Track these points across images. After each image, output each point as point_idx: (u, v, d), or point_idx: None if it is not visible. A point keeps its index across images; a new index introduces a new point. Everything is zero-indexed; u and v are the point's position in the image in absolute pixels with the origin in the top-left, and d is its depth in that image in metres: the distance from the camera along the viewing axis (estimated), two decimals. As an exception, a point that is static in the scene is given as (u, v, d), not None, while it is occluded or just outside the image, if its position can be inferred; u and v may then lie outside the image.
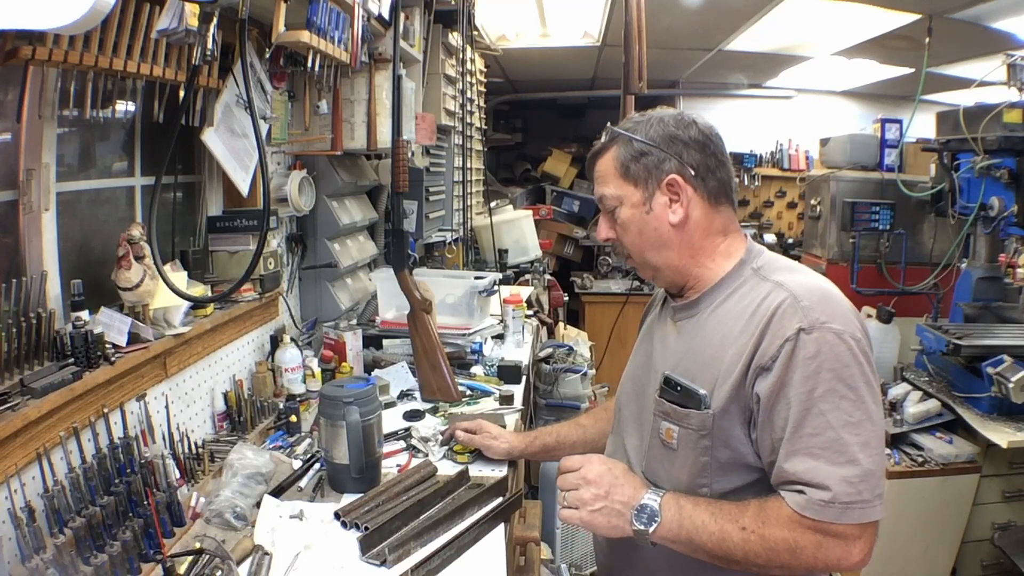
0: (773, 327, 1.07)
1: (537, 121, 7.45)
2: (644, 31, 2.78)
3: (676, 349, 1.24)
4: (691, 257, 1.23)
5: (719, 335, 1.16)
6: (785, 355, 1.05)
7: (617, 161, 1.24)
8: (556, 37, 4.67)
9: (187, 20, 1.39)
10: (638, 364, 1.36)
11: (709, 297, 1.22)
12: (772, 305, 1.10)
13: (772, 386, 1.06)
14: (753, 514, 1.07)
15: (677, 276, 1.25)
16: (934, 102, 4.92)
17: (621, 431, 1.37)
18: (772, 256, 1.25)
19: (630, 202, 1.23)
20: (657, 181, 1.21)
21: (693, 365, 1.18)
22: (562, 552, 2.83)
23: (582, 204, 6.36)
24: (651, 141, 1.22)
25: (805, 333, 1.04)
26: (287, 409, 1.97)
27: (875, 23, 3.71)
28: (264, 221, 1.65)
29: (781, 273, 1.17)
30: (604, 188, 1.26)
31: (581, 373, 3.40)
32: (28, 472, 1.21)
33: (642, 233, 1.23)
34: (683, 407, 1.16)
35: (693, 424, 1.14)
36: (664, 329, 1.31)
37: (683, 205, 1.21)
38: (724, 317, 1.17)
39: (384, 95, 2.38)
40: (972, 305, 3.20)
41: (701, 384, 1.14)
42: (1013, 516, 2.61)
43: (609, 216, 1.28)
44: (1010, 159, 2.99)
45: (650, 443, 1.24)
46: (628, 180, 1.23)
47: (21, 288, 1.27)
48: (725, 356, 1.13)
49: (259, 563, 1.31)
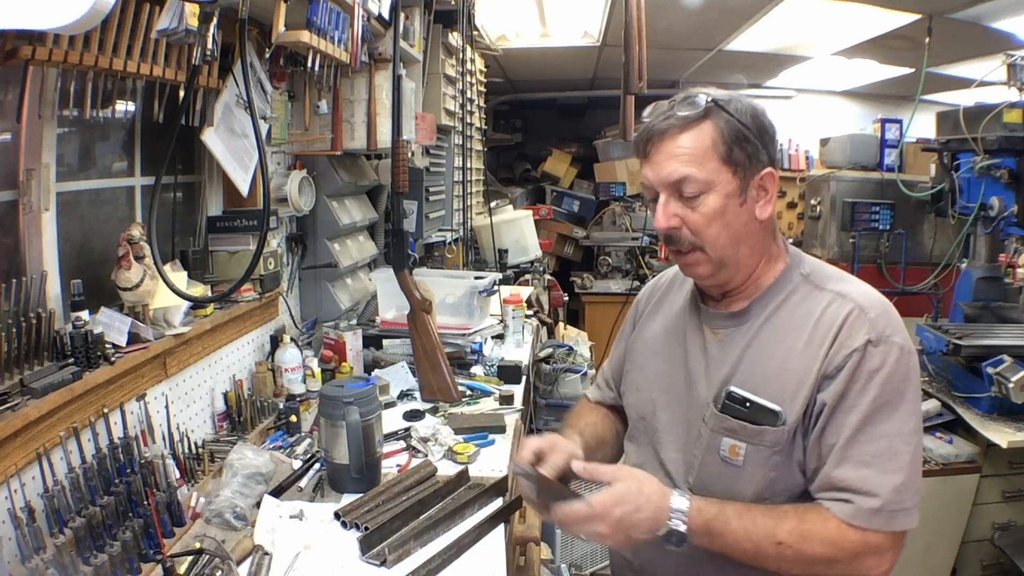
0: (841, 337, 1.06)
1: (537, 121, 7.45)
2: (644, 31, 2.77)
3: (725, 360, 1.15)
4: (759, 256, 1.16)
5: (781, 347, 1.11)
6: (852, 365, 1.04)
7: (717, 140, 1.09)
8: (556, 37, 4.67)
9: (187, 20, 1.39)
10: (665, 372, 1.25)
11: (759, 305, 1.16)
12: (839, 316, 1.08)
13: (835, 395, 1.05)
14: (791, 528, 1.04)
15: (739, 276, 1.16)
16: (934, 102, 4.91)
17: (654, 443, 1.25)
18: (816, 262, 1.20)
19: (724, 190, 1.09)
20: (755, 172, 1.11)
21: (753, 378, 1.11)
22: (562, 552, 2.83)
23: (582, 204, 6.36)
24: (751, 127, 1.10)
25: (872, 345, 1.04)
26: (287, 409, 1.97)
27: (875, 23, 3.71)
28: (264, 221, 1.65)
29: (836, 282, 1.14)
30: (691, 168, 1.08)
31: (581, 373, 3.40)
32: (28, 472, 1.21)
33: (730, 226, 1.11)
34: (755, 424, 1.09)
35: (767, 441, 1.09)
36: (698, 336, 1.21)
37: (771, 201, 1.13)
38: (781, 327, 1.12)
39: (384, 95, 2.38)
40: (972, 305, 3.20)
41: (768, 398, 1.09)
42: (1013, 516, 2.61)
43: (676, 201, 1.12)
44: (1010, 159, 2.98)
45: (704, 459, 1.15)
46: (728, 165, 1.09)
47: (21, 288, 1.27)
48: (793, 369, 1.08)
49: (259, 563, 1.31)
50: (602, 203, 6.16)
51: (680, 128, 1.10)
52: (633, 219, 6.03)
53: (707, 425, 1.14)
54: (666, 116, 1.11)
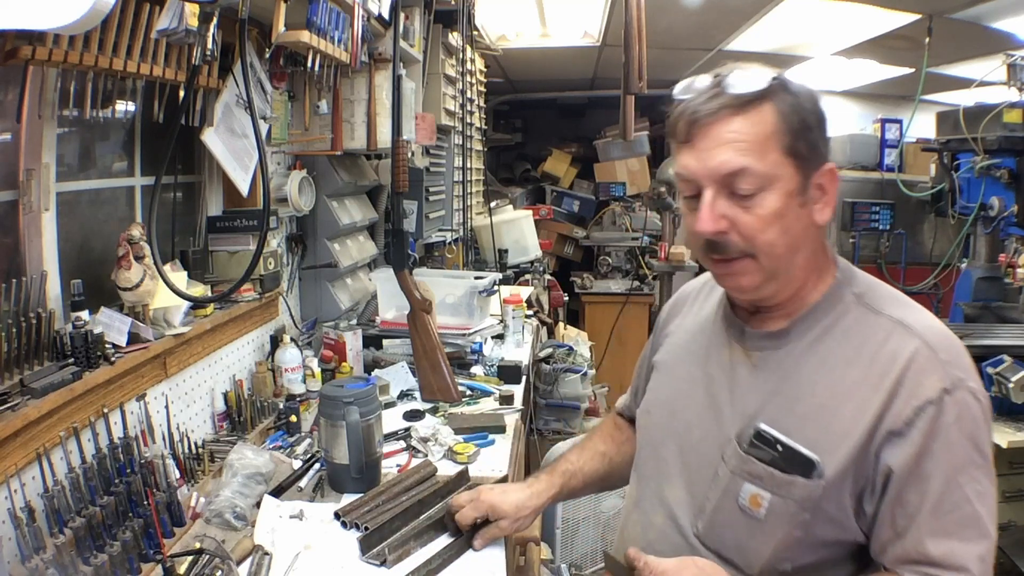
0: (909, 384, 0.88)
1: (537, 121, 7.45)
2: (644, 31, 2.78)
3: (756, 389, 0.98)
4: (812, 268, 0.98)
5: (827, 381, 0.93)
6: (926, 421, 0.87)
7: (780, 127, 0.90)
8: (556, 37, 4.67)
9: (187, 20, 1.38)
10: (682, 392, 1.09)
11: (803, 325, 0.98)
12: (903, 354, 0.90)
13: (909, 457, 0.87)
14: None
15: (787, 290, 0.98)
16: (934, 102, 4.91)
17: (658, 476, 1.09)
18: (870, 278, 1.03)
19: (785, 188, 0.91)
20: (816, 168, 0.93)
21: (789, 416, 0.94)
22: (562, 552, 2.82)
23: (582, 204, 6.36)
24: (816, 113, 0.93)
25: (948, 395, 0.87)
26: (287, 409, 1.97)
27: (875, 23, 3.71)
28: (264, 221, 1.65)
29: (895, 307, 0.96)
30: (749, 159, 0.89)
31: (581, 373, 3.40)
32: (28, 472, 1.21)
33: (789, 231, 0.92)
34: (785, 472, 0.91)
35: (796, 494, 0.91)
36: (728, 355, 1.04)
37: (830, 203, 0.95)
38: (828, 357, 0.94)
39: (384, 95, 2.38)
40: (972, 305, 3.20)
41: (805, 443, 0.91)
42: (1013, 516, 2.61)
43: (724, 199, 0.92)
44: (1010, 159, 2.99)
45: (718, 504, 0.98)
46: (791, 157, 0.91)
47: (21, 288, 1.27)
48: (841, 411, 0.91)
49: (259, 563, 1.31)
50: (602, 203, 6.16)
51: (735, 109, 0.90)
52: (633, 219, 6.03)
53: (727, 464, 0.97)
54: (715, 94, 0.91)
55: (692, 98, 0.94)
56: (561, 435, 3.46)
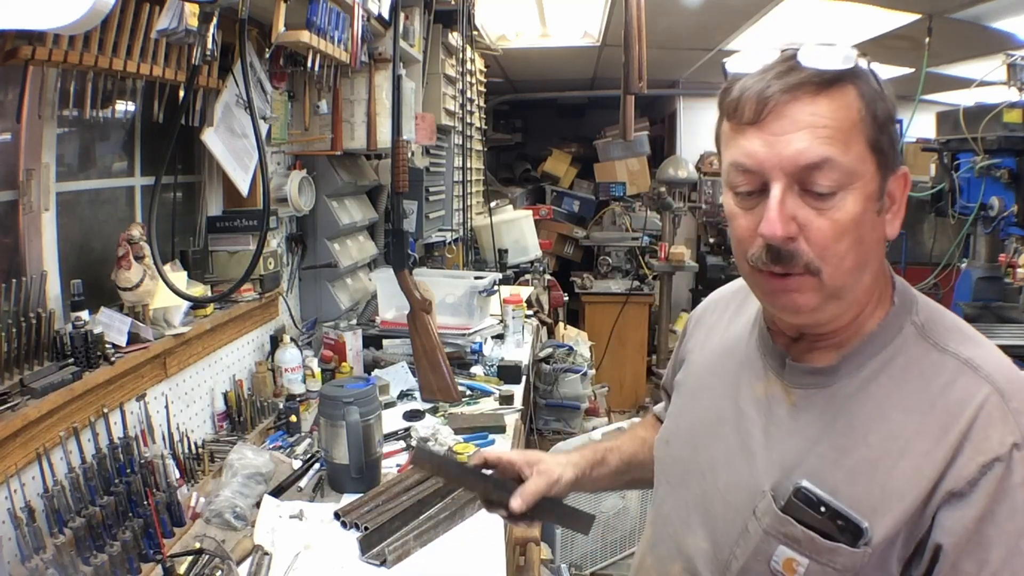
0: (976, 437, 0.73)
1: (537, 121, 7.45)
2: (644, 31, 2.77)
3: (796, 434, 0.83)
4: (874, 290, 0.83)
5: (881, 430, 0.78)
6: (992, 481, 0.72)
7: (867, 116, 0.75)
8: (556, 37, 4.67)
9: (187, 20, 1.39)
10: (708, 425, 0.94)
11: (853, 361, 0.81)
12: (972, 402, 0.75)
13: (969, 521, 0.73)
14: None
15: (846, 316, 0.82)
16: (934, 102, 4.91)
17: (676, 521, 0.95)
18: (932, 304, 0.86)
19: (865, 190, 0.75)
20: (892, 171, 0.78)
21: (836, 471, 0.78)
22: (562, 552, 2.83)
23: (582, 204, 6.36)
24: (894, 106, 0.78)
25: (1018, 451, 0.73)
26: (287, 409, 1.97)
27: (875, 23, 3.71)
28: (264, 221, 1.65)
29: (961, 342, 0.80)
30: (832, 148, 0.73)
31: (581, 373, 3.40)
32: (28, 472, 1.21)
33: (863, 242, 0.76)
34: (828, 538, 0.77)
35: (839, 563, 0.76)
36: (764, 389, 0.88)
37: (899, 214, 0.80)
38: (884, 401, 0.79)
39: (384, 95, 2.38)
40: (972, 305, 3.20)
41: (851, 503, 0.76)
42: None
43: (797, 196, 0.75)
44: (1010, 159, 2.99)
45: (746, 565, 0.83)
46: (875, 153, 0.75)
47: (21, 288, 1.27)
48: (897, 468, 0.76)
49: (259, 563, 1.31)
50: (602, 203, 6.17)
51: (818, 87, 0.73)
52: (633, 219, 6.04)
53: (759, 522, 0.82)
54: (790, 67, 0.75)
55: (758, 72, 0.76)
56: (561, 435, 3.47)
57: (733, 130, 0.78)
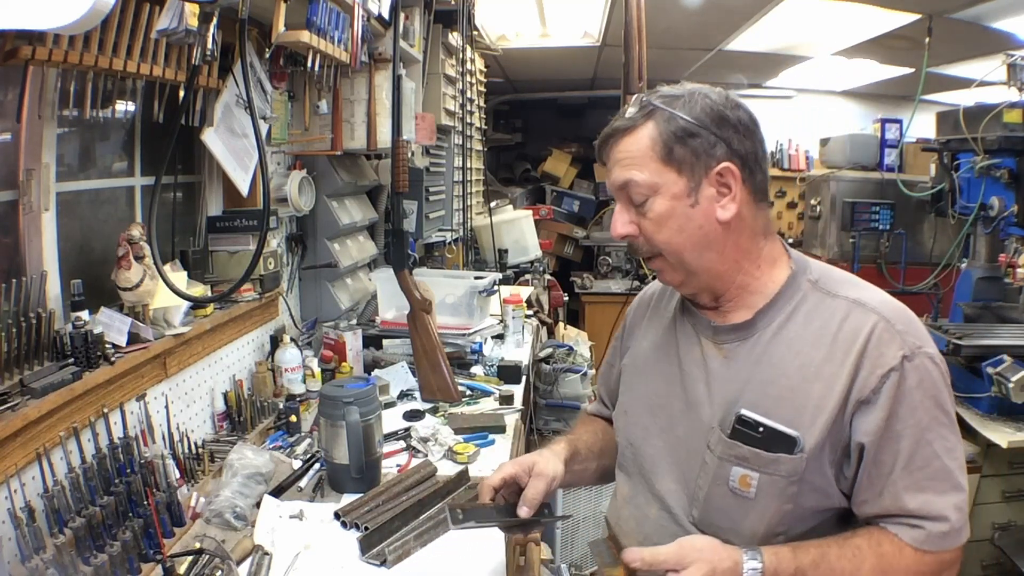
0: (871, 355, 0.97)
1: (537, 121, 7.44)
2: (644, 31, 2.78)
3: (732, 379, 1.06)
4: (735, 261, 1.07)
5: (795, 364, 1.01)
6: (891, 387, 0.96)
7: (656, 141, 1.03)
8: (556, 37, 4.67)
9: (187, 20, 1.39)
10: (656, 393, 1.16)
11: (766, 316, 1.06)
12: (863, 329, 0.99)
13: (879, 421, 0.96)
14: (871, 568, 0.96)
15: (716, 283, 1.08)
16: (934, 102, 4.91)
17: (646, 473, 1.15)
18: (823, 265, 1.11)
19: (670, 192, 1.03)
20: (706, 169, 1.02)
21: (765, 400, 1.01)
22: (562, 552, 2.83)
23: (582, 204, 6.36)
24: (699, 121, 1.02)
25: (908, 361, 0.96)
26: (287, 409, 1.97)
27: (875, 23, 3.71)
28: (264, 221, 1.65)
29: (849, 288, 1.05)
30: (632, 173, 1.04)
31: (581, 373, 3.40)
32: (28, 472, 1.21)
33: (683, 230, 1.03)
34: (769, 451, 0.99)
35: (782, 470, 0.99)
36: (698, 352, 1.11)
37: (734, 199, 1.03)
38: (794, 341, 1.03)
39: (384, 95, 2.38)
40: (972, 305, 3.20)
41: (783, 422, 0.99)
42: (1013, 516, 2.61)
43: (630, 208, 1.07)
44: (1010, 159, 2.98)
45: (710, 491, 1.05)
46: (670, 165, 1.02)
47: (21, 288, 1.27)
48: (811, 390, 0.99)
49: (259, 563, 1.31)
50: (602, 203, 6.17)
51: (624, 132, 1.06)
52: (633, 219, 6.03)
53: (713, 452, 1.04)
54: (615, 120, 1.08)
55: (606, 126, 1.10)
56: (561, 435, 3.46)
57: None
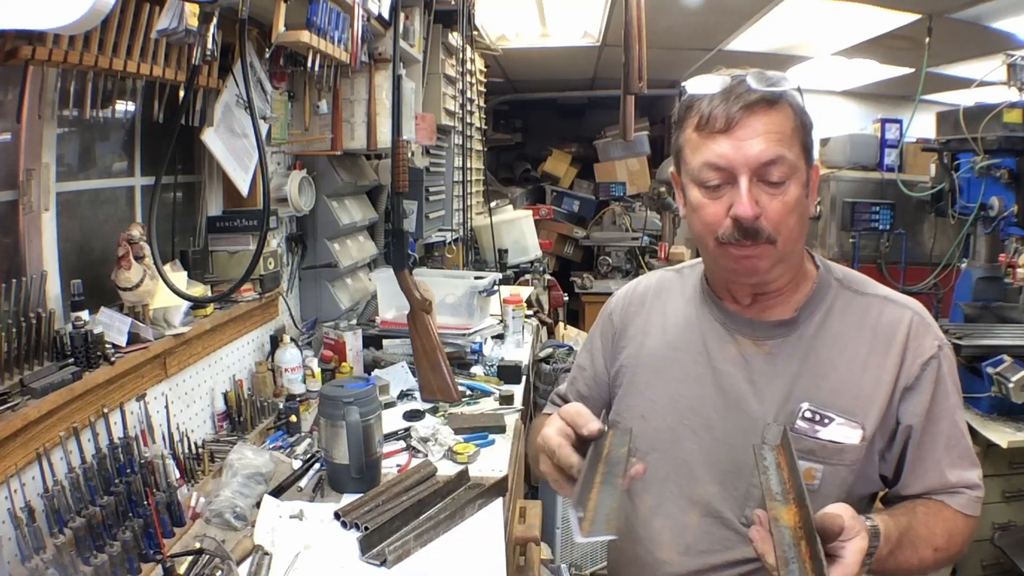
0: (911, 346, 1.05)
1: (537, 121, 7.45)
2: (644, 31, 2.77)
3: (778, 374, 1.06)
4: (803, 255, 1.11)
5: (843, 358, 1.05)
6: (931, 373, 1.04)
7: (798, 123, 1.00)
8: (556, 37, 4.67)
9: (187, 20, 1.39)
10: (686, 394, 1.11)
11: (807, 312, 1.08)
12: (902, 323, 1.06)
13: (924, 403, 1.04)
14: (942, 530, 1.02)
15: (788, 275, 1.08)
16: (934, 102, 4.91)
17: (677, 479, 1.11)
18: (841, 266, 1.17)
19: (801, 179, 1.00)
20: (809, 165, 1.04)
21: (820, 393, 1.04)
22: (562, 552, 2.83)
23: (582, 204, 6.36)
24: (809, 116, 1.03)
25: (940, 351, 1.06)
26: (287, 409, 1.97)
27: (875, 23, 3.71)
28: (264, 221, 1.65)
29: (872, 286, 1.12)
30: (784, 150, 0.97)
31: (581, 373, 3.39)
32: (28, 472, 1.21)
33: (803, 220, 1.03)
34: (834, 442, 1.03)
35: (846, 459, 1.03)
36: (733, 349, 1.09)
37: (815, 198, 1.06)
38: (838, 336, 1.06)
39: (384, 95, 2.38)
40: (972, 305, 3.20)
41: (841, 413, 1.03)
42: (1013, 516, 2.61)
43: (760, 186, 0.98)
44: (1010, 159, 2.98)
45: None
46: (805, 152, 1.01)
47: (21, 288, 1.27)
48: (862, 381, 1.04)
49: (259, 563, 1.31)
50: (602, 203, 6.16)
51: (768, 105, 0.98)
52: (633, 219, 6.04)
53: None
54: (746, 90, 0.98)
55: (718, 93, 1.00)
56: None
57: (703, 138, 1.01)
